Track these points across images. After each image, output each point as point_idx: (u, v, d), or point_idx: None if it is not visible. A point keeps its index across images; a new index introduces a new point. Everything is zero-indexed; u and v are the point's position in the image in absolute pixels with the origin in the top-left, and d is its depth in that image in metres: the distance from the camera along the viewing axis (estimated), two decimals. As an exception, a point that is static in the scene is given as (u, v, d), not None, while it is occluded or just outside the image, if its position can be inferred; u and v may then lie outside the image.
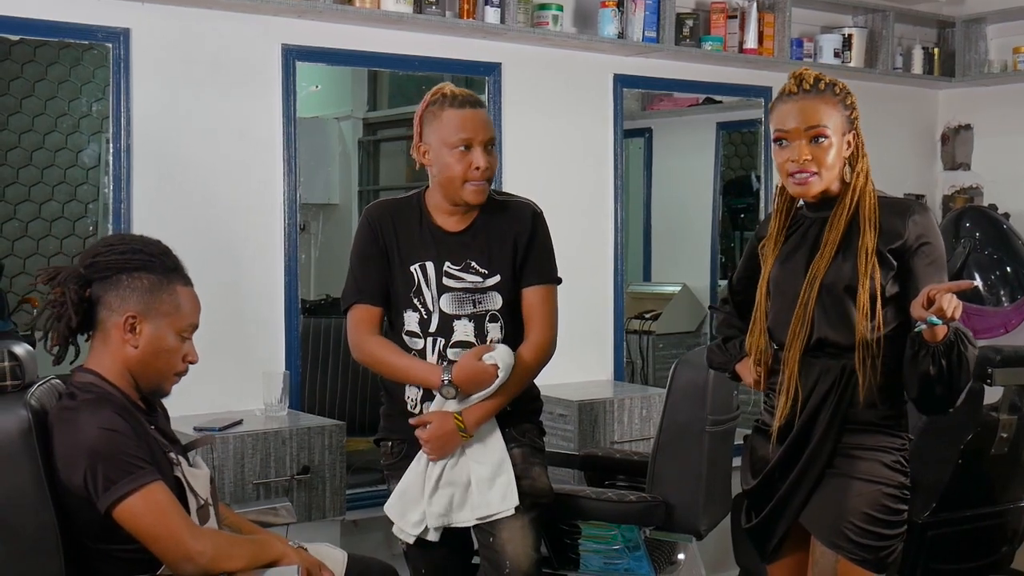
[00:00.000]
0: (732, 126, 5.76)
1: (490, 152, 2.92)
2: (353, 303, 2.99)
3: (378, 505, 3.93)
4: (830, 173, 2.58)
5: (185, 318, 2.48)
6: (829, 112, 2.57)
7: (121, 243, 2.49)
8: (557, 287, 3.05)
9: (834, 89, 2.60)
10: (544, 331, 2.99)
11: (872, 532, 2.53)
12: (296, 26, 3.98)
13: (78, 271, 2.43)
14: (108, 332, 2.43)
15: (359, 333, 2.98)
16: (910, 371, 2.49)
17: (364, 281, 2.99)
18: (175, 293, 2.47)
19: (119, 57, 3.65)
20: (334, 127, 5.52)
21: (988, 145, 5.79)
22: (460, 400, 2.89)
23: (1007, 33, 5.62)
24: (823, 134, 2.56)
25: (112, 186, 3.68)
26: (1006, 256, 5.29)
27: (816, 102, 2.58)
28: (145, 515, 2.29)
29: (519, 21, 4.30)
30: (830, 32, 5.32)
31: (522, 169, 4.42)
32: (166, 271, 2.47)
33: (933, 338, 2.39)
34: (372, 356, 2.96)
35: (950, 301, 2.31)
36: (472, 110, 2.92)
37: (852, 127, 2.61)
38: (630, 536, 3.35)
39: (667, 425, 3.39)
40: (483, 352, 2.87)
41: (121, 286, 2.42)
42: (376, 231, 2.99)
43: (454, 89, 2.95)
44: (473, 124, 2.90)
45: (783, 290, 2.65)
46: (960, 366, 2.43)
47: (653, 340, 5.52)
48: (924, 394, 2.50)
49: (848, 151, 2.60)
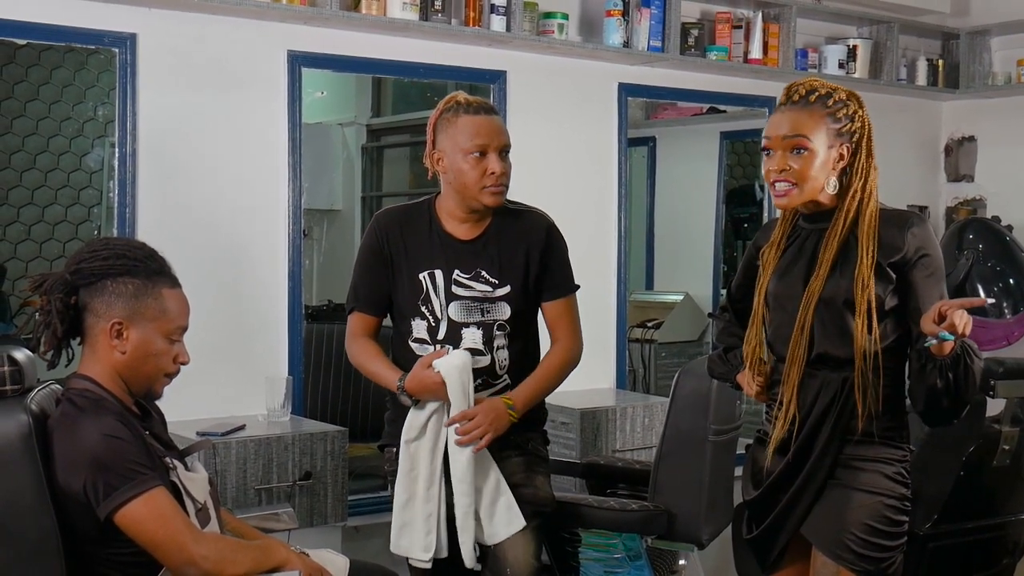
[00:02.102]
0: (736, 136, 5.76)
1: (504, 158, 2.94)
2: (350, 310, 3.07)
3: (380, 511, 3.96)
4: (810, 185, 2.57)
5: (172, 321, 2.47)
6: (813, 124, 2.57)
7: (105, 248, 2.47)
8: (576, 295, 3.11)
9: (827, 101, 2.58)
10: (573, 339, 3.08)
11: (873, 543, 2.53)
12: (302, 32, 3.98)
13: (64, 278, 2.42)
14: (96, 338, 2.43)
15: (349, 339, 3.07)
16: (917, 384, 2.50)
17: (363, 289, 3.04)
18: (160, 297, 2.45)
19: (125, 62, 3.66)
20: (338, 133, 5.52)
21: (992, 157, 5.79)
22: (418, 407, 2.90)
23: (1011, 45, 5.63)
24: (802, 145, 2.56)
25: (117, 190, 3.68)
26: (1009, 268, 5.29)
27: (802, 114, 2.59)
28: (148, 520, 2.29)
29: (524, 29, 4.31)
30: (835, 43, 5.32)
31: (526, 177, 4.38)
32: (151, 275, 2.45)
33: (940, 352, 2.40)
34: (354, 360, 3.06)
35: (961, 317, 2.32)
36: (487, 117, 2.95)
37: (847, 140, 2.58)
38: (632, 545, 3.35)
39: (670, 434, 3.39)
40: (433, 359, 2.87)
41: (106, 292, 2.41)
42: (382, 239, 3.00)
43: (468, 97, 2.97)
44: (488, 130, 2.92)
45: (782, 303, 2.65)
46: (967, 379, 2.44)
47: (655, 349, 5.52)
48: (930, 407, 2.50)
49: (840, 163, 2.59)
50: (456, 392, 2.84)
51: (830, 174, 2.59)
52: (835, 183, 2.59)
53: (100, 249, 2.47)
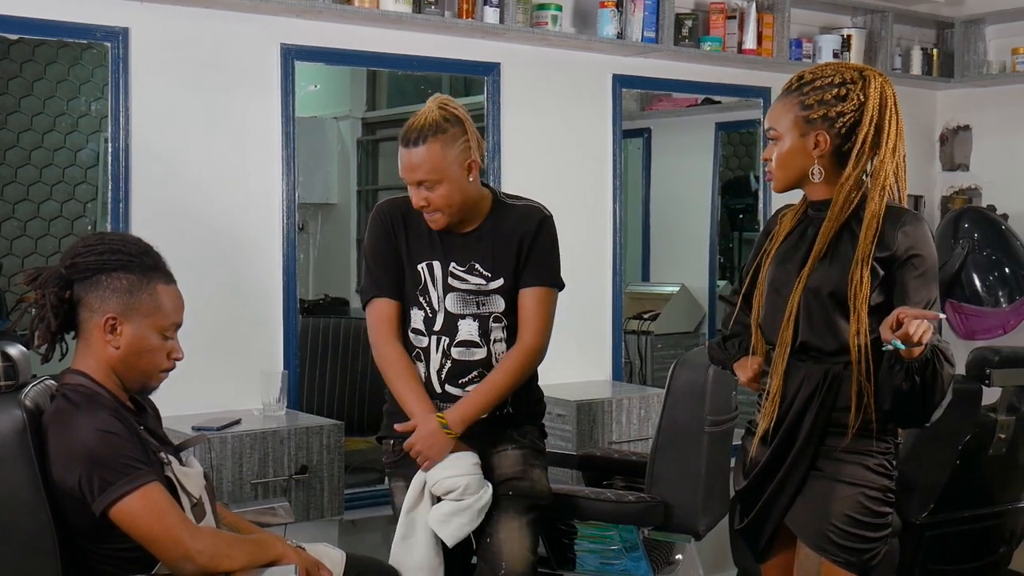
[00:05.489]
0: (731, 126, 5.76)
1: (431, 188, 2.86)
2: (371, 297, 2.99)
3: (376, 505, 3.97)
4: (782, 173, 2.61)
5: (167, 317, 2.46)
6: (781, 114, 2.60)
7: (100, 243, 2.46)
8: (556, 292, 3.02)
9: (804, 88, 2.58)
10: (534, 336, 2.95)
11: (855, 535, 2.53)
12: (295, 26, 3.98)
13: (59, 272, 2.41)
14: (90, 333, 2.42)
15: (377, 334, 2.99)
16: (884, 384, 2.48)
17: (380, 275, 2.99)
18: (155, 293, 2.45)
19: (118, 56, 3.65)
20: (333, 127, 5.51)
21: (986, 146, 5.79)
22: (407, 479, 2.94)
23: (1006, 34, 5.62)
24: (773, 136, 2.62)
25: (111, 185, 3.68)
26: (1005, 257, 5.29)
27: (777, 104, 2.64)
28: (143, 515, 2.29)
29: (518, 21, 4.30)
30: (829, 33, 5.32)
31: (521, 169, 4.42)
32: (146, 270, 2.45)
33: (909, 355, 2.38)
34: (382, 369, 2.99)
35: (917, 327, 2.29)
36: (405, 149, 2.88)
37: (822, 126, 2.55)
38: (628, 536, 3.35)
39: (666, 425, 3.38)
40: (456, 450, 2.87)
41: (101, 287, 2.41)
42: (388, 226, 3.00)
43: (410, 123, 2.89)
44: (404, 165, 2.89)
45: (777, 289, 2.64)
46: (934, 384, 2.42)
47: (652, 340, 5.52)
48: (897, 407, 2.49)
49: (816, 151, 2.57)
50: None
51: (809, 162, 2.59)
52: (819, 171, 2.58)
53: (95, 244, 2.46)
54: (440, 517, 2.85)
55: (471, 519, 2.85)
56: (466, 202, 2.91)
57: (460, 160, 2.85)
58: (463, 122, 2.87)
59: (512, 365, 2.92)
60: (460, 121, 2.87)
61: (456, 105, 2.90)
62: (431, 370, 2.96)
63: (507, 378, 2.92)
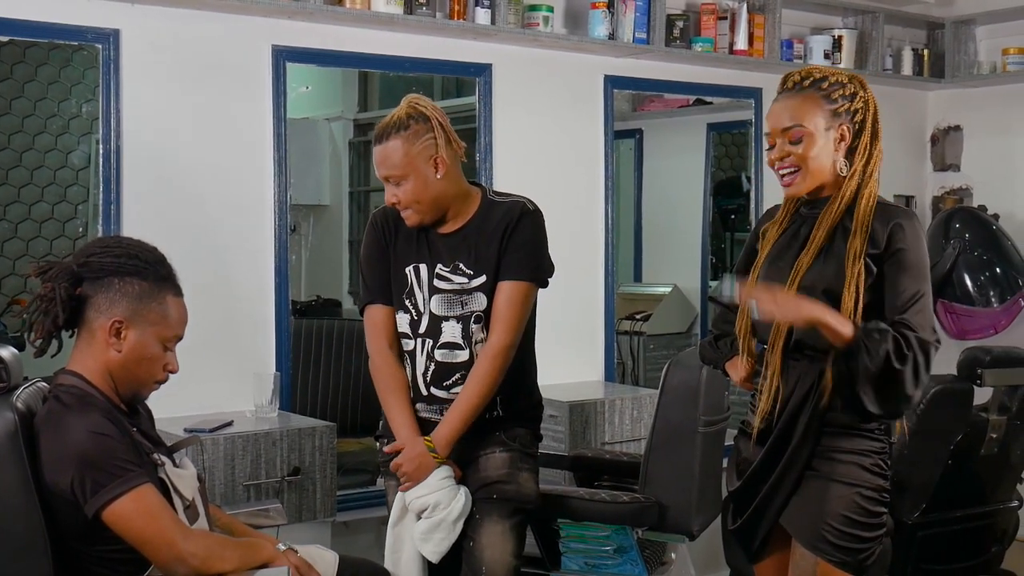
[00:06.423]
0: (722, 127, 5.76)
1: (398, 184, 2.88)
2: (366, 304, 3.03)
3: (369, 506, 3.96)
4: (814, 166, 2.59)
5: (171, 328, 2.48)
6: (807, 109, 2.58)
7: (118, 246, 2.48)
8: (535, 288, 2.98)
9: (821, 84, 2.59)
10: (501, 335, 2.91)
11: (850, 535, 2.54)
12: (286, 27, 3.97)
13: (71, 268, 2.42)
14: (94, 333, 2.43)
15: (370, 341, 3.02)
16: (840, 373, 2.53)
17: (373, 281, 3.02)
18: (164, 303, 2.46)
19: (109, 58, 3.64)
20: (324, 128, 5.51)
21: (977, 146, 5.81)
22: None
23: (996, 34, 5.64)
24: (800, 133, 2.58)
25: (102, 187, 3.67)
26: (996, 257, 5.30)
27: (796, 100, 2.60)
28: (136, 518, 2.29)
29: (509, 22, 4.30)
30: (820, 33, 5.32)
31: (512, 170, 4.42)
32: (158, 280, 2.46)
33: (836, 339, 2.43)
34: (372, 378, 3.01)
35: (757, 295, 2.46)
36: (375, 146, 2.92)
37: (845, 119, 2.59)
38: (622, 537, 3.35)
39: (660, 426, 3.39)
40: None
41: (112, 289, 2.41)
42: (380, 233, 3.02)
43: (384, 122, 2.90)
44: (374, 161, 2.93)
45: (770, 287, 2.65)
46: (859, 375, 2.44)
47: (644, 341, 5.52)
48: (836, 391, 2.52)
49: (843, 144, 2.59)
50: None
51: (835, 156, 2.60)
52: (844, 163, 2.60)
53: (113, 246, 2.48)
54: (420, 536, 2.89)
55: (447, 532, 2.87)
56: (438, 199, 2.91)
57: (424, 156, 2.86)
58: (430, 120, 2.88)
59: (480, 373, 2.90)
60: (427, 119, 2.88)
61: (427, 104, 2.92)
62: (417, 372, 2.97)
63: (480, 387, 2.89)
